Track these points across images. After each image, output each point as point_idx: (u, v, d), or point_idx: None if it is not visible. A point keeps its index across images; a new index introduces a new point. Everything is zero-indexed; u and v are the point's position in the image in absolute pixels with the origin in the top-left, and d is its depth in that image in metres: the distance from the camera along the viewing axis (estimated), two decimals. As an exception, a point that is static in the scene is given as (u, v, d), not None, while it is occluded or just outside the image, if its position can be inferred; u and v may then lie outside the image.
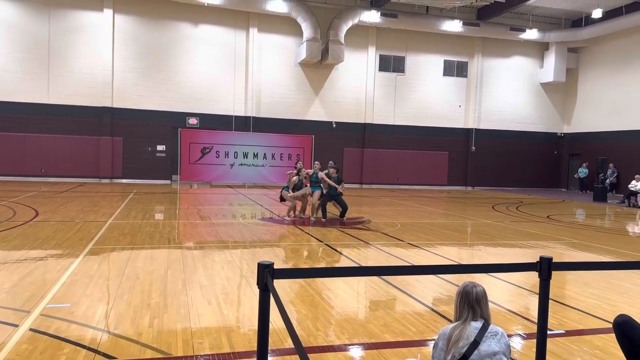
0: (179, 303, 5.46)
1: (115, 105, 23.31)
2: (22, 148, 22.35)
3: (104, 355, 4.03)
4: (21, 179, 22.11)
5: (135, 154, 23.72)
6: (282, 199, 13.12)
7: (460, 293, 2.86)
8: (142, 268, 7.00)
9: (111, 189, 20.32)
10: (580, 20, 27.33)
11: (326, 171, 12.99)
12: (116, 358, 4.00)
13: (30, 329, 4.50)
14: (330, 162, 14.08)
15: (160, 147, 24.08)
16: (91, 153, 23.18)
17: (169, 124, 23.86)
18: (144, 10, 23.50)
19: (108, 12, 22.91)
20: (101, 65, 22.95)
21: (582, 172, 26.87)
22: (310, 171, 13.00)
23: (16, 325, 4.58)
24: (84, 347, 4.17)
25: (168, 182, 23.99)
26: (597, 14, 24.09)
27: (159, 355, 4.08)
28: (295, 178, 12.81)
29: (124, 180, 23.61)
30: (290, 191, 12.80)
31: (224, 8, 23.80)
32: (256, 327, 2.55)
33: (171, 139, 23.87)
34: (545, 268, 2.90)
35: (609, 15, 24.86)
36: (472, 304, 2.80)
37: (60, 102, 22.67)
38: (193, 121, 24.32)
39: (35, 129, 22.44)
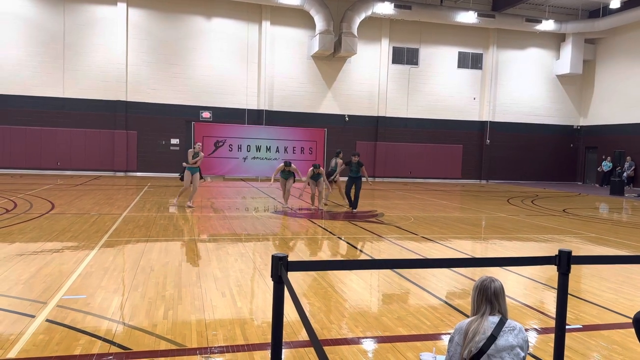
0: (193, 295, 5.48)
1: (129, 99, 23.47)
2: (38, 142, 22.63)
3: (119, 346, 4.06)
4: (37, 172, 22.40)
5: (150, 148, 23.88)
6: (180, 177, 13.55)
7: (478, 287, 2.81)
8: (156, 260, 7.04)
9: (126, 182, 20.48)
10: (597, 11, 26.86)
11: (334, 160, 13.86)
12: (131, 349, 4.02)
13: (47, 320, 4.55)
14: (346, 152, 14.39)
15: (174, 141, 24.22)
16: (106, 146, 23.39)
17: (182, 117, 23.97)
18: (157, 4, 23.57)
19: (122, 6, 23.02)
20: (115, 59, 23.09)
21: (606, 165, 26.43)
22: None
23: (33, 316, 4.63)
24: (99, 338, 4.20)
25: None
26: (615, 4, 23.63)
27: (174, 347, 4.10)
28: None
29: (138, 174, 23.80)
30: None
31: (237, 1, 23.79)
32: (270, 320, 2.54)
33: (185, 132, 23.98)
34: (564, 262, 2.84)
35: (627, 5, 24.37)
36: (490, 299, 2.76)
37: (75, 96, 22.89)
38: (206, 115, 24.40)
39: (51, 122, 22.68)
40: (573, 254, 2.89)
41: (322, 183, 13.49)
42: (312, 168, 13.30)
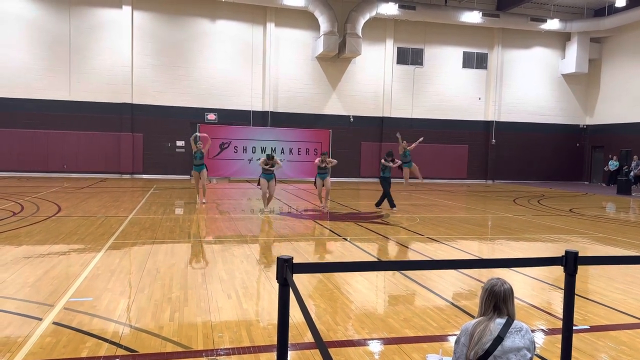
0: (199, 297, 5.49)
1: (135, 102, 23.56)
2: (45, 145, 22.74)
3: (126, 348, 4.07)
4: (44, 175, 22.52)
5: (155, 150, 23.95)
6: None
7: (487, 290, 2.79)
8: (162, 262, 7.06)
9: (132, 184, 20.56)
10: (603, 10, 26.71)
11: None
12: (137, 351, 4.03)
13: (54, 323, 4.57)
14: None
15: (179, 143, 24.27)
16: (112, 149, 23.48)
17: (187, 119, 24.03)
18: (161, 7, 23.66)
19: (127, 9, 23.12)
20: (121, 62, 23.19)
21: (613, 164, 26.27)
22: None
23: (40, 319, 4.65)
24: (106, 340, 4.21)
25: (187, 177, 24.17)
26: (620, 2, 23.49)
27: (180, 349, 4.11)
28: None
29: (144, 176, 23.87)
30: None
31: (241, 3, 23.83)
32: (276, 321, 2.54)
33: (190, 134, 23.94)
34: (570, 262, 2.82)
35: (633, 3, 24.23)
36: (498, 302, 2.74)
37: (81, 99, 23.00)
38: (211, 117, 24.45)
39: (57, 125, 22.79)
40: (580, 254, 2.87)
41: (329, 181, 13.63)
42: (321, 157, 13.46)
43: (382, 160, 14.29)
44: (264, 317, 4.95)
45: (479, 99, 27.90)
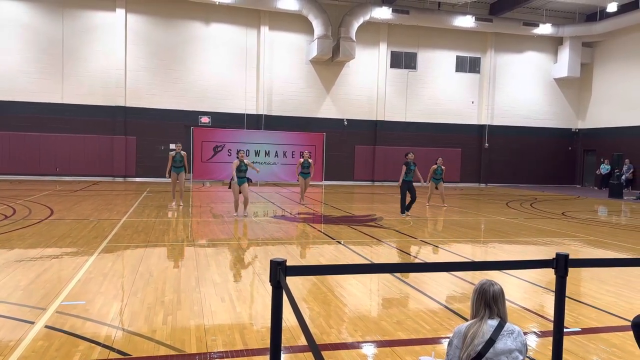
0: (192, 300, 5.48)
1: (128, 105, 23.50)
2: (37, 147, 22.63)
3: (119, 352, 4.06)
4: (36, 178, 22.39)
5: (149, 153, 23.88)
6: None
7: (477, 291, 2.82)
8: (155, 265, 7.04)
9: (125, 187, 20.48)
10: (594, 14, 26.95)
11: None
12: (130, 355, 4.02)
13: (46, 326, 4.55)
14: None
15: (173, 146, 24.17)
16: (105, 152, 23.40)
17: (181, 122, 23.99)
18: (155, 10, 23.64)
19: (120, 12, 23.07)
20: (114, 64, 23.13)
21: (605, 168, 26.46)
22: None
23: (32, 323, 4.63)
24: (98, 344, 4.20)
25: (181, 180, 24.10)
26: (612, 7, 23.74)
27: (173, 352, 4.10)
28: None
29: (137, 179, 23.79)
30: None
31: (236, 7, 23.86)
32: (269, 325, 2.54)
33: (184, 137, 23.95)
34: (561, 265, 2.85)
35: (624, 8, 24.49)
36: (489, 302, 2.77)
37: (74, 101, 22.90)
38: (205, 120, 24.42)
39: (50, 128, 22.69)
40: (572, 257, 2.90)
41: (309, 182, 15.80)
42: (303, 159, 15.63)
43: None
44: (257, 320, 4.95)
45: (472, 102, 28.03)
